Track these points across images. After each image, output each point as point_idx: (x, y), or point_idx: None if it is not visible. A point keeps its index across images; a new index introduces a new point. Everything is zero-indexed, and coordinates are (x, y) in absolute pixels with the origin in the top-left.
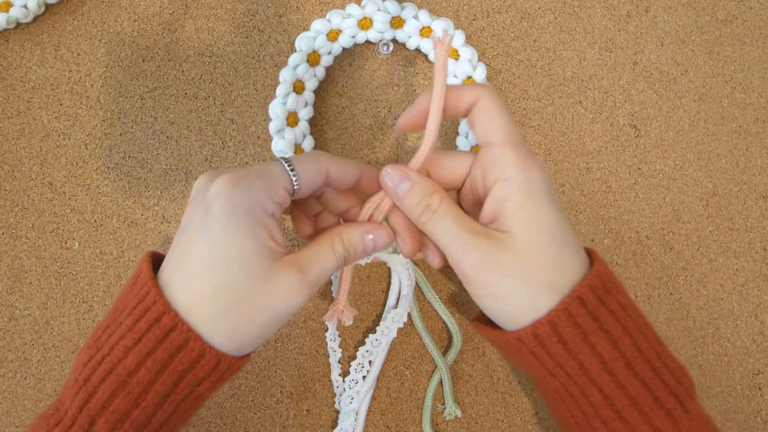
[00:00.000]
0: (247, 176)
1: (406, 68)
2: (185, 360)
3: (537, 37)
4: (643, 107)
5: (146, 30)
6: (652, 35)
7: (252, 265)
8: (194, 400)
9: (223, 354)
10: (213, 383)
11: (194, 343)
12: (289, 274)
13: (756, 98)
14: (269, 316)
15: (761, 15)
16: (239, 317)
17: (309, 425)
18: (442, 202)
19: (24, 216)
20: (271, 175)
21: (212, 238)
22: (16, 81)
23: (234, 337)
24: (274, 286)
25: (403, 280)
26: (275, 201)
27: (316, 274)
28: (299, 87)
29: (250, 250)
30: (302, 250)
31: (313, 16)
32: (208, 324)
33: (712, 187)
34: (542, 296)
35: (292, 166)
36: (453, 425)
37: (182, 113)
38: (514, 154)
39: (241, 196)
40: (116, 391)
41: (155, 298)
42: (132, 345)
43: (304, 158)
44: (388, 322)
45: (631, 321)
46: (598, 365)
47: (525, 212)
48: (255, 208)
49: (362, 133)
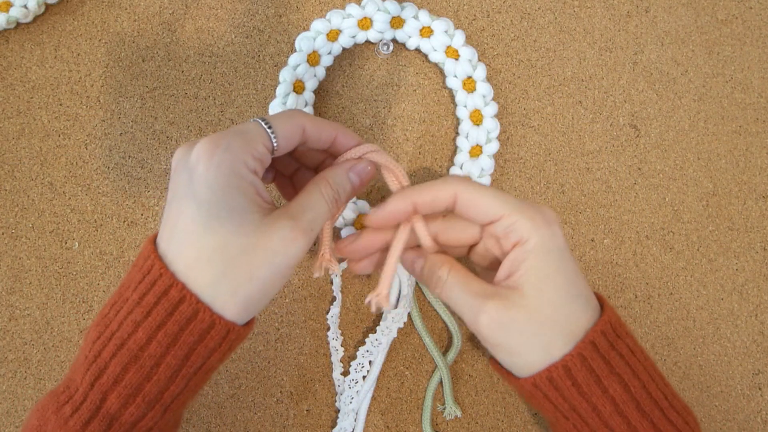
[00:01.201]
0: (226, 136)
1: (406, 68)
2: (195, 331)
3: (537, 37)
4: (643, 107)
5: (146, 30)
6: (652, 35)
7: (243, 220)
8: (205, 373)
9: (233, 324)
10: (223, 354)
11: (204, 314)
12: (282, 224)
13: (756, 98)
14: (268, 270)
15: (761, 15)
16: (238, 276)
17: (309, 425)
18: (450, 273)
19: (24, 216)
20: (250, 134)
21: (199, 199)
22: (16, 81)
23: (237, 298)
24: (269, 238)
25: (403, 280)
26: (256, 158)
27: (309, 220)
28: (299, 87)
29: (239, 205)
30: (291, 202)
31: (313, 16)
32: (208, 287)
33: (712, 187)
34: (555, 345)
35: (270, 124)
36: (453, 425)
37: (182, 113)
38: (524, 220)
39: (223, 155)
40: (128, 366)
41: (160, 271)
42: (141, 319)
43: (280, 116)
44: (388, 322)
45: (639, 364)
46: (611, 407)
47: (537, 270)
48: (238, 165)
49: (362, 133)
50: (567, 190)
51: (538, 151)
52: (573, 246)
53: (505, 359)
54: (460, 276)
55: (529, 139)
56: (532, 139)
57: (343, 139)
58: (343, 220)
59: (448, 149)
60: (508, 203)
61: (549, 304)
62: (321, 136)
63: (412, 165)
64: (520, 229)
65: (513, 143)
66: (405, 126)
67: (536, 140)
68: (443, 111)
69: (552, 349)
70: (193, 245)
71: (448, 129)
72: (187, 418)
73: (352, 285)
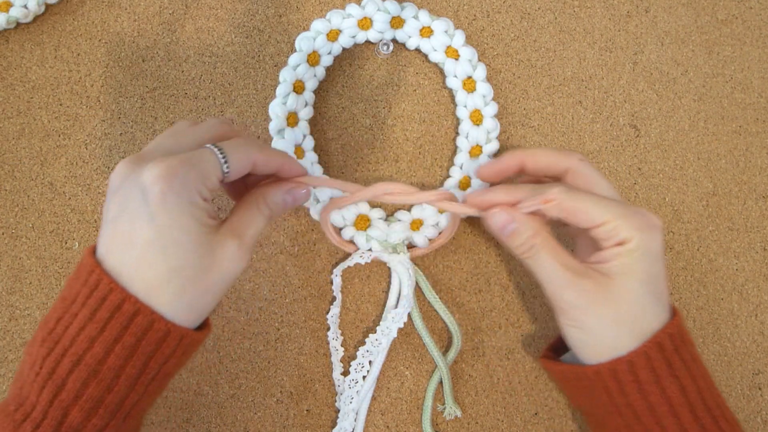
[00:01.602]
0: (182, 166)
1: (406, 68)
2: (152, 340)
3: (537, 37)
4: (643, 107)
5: (146, 30)
6: (652, 35)
7: (198, 243)
8: (162, 379)
9: (186, 329)
10: (179, 359)
11: (159, 324)
12: (230, 243)
13: (756, 98)
14: (220, 285)
15: (761, 15)
16: (195, 293)
17: (309, 425)
18: (544, 243)
19: (24, 216)
20: (205, 165)
21: (158, 224)
22: (16, 81)
23: (193, 310)
24: (220, 258)
25: (403, 280)
26: (209, 188)
27: (251, 237)
28: (299, 87)
29: (194, 230)
30: (233, 216)
31: (313, 16)
32: (168, 304)
33: (712, 187)
34: (625, 337)
35: (225, 157)
36: (453, 425)
37: (182, 113)
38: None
39: (180, 185)
40: (87, 381)
41: (110, 286)
42: (96, 334)
43: (235, 148)
44: (388, 322)
45: (698, 372)
46: (666, 408)
47: (630, 267)
48: (193, 195)
49: (362, 133)
50: None
51: None
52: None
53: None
54: (551, 246)
55: (529, 139)
56: (532, 139)
57: (288, 168)
58: (343, 220)
59: (448, 149)
60: (611, 209)
61: (633, 299)
62: (269, 166)
63: (412, 165)
64: (623, 232)
65: (513, 143)
66: (405, 126)
67: (536, 140)
68: (443, 111)
69: (622, 340)
70: (151, 266)
71: (448, 129)
72: (187, 418)
73: (352, 285)
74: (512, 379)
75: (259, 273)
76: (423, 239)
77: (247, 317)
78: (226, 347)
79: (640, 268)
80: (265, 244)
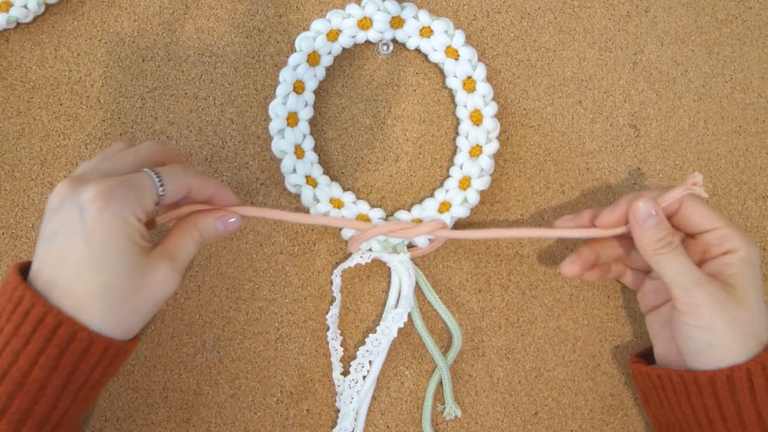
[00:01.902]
0: (120, 188)
1: (406, 68)
2: (76, 351)
3: (537, 37)
4: (643, 107)
5: (146, 30)
6: (652, 35)
7: (132, 263)
8: (91, 388)
9: (110, 339)
10: (105, 368)
11: (82, 334)
12: (162, 265)
13: (756, 98)
14: (151, 304)
15: (761, 15)
16: (126, 310)
17: (309, 425)
18: (679, 245)
19: (24, 216)
20: (142, 188)
21: (93, 242)
22: (16, 81)
23: (122, 326)
24: (153, 278)
25: (403, 280)
26: (145, 210)
27: (183, 260)
28: (299, 87)
29: (129, 250)
30: (167, 240)
31: (313, 16)
32: (98, 319)
33: (712, 187)
34: (747, 344)
35: (162, 181)
36: (453, 425)
37: (182, 113)
38: (737, 234)
39: (118, 204)
40: (13, 394)
41: (32, 300)
42: (20, 348)
43: (171, 173)
44: (389, 322)
45: None
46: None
47: (745, 277)
48: (129, 216)
49: (362, 133)
50: (567, 190)
51: (538, 151)
52: (573, 246)
53: (699, 335)
54: (684, 250)
55: (529, 139)
56: (532, 139)
57: (220, 196)
58: None
59: (448, 149)
60: (722, 218)
61: (752, 307)
62: (202, 193)
63: (412, 165)
64: (733, 240)
65: (513, 143)
66: (405, 126)
67: (536, 140)
68: (443, 111)
69: (743, 347)
70: (84, 282)
71: (448, 129)
72: (187, 418)
73: (352, 285)
74: (512, 379)
75: (259, 273)
76: (423, 239)
77: (247, 317)
78: (226, 347)
79: (754, 278)
80: (265, 244)
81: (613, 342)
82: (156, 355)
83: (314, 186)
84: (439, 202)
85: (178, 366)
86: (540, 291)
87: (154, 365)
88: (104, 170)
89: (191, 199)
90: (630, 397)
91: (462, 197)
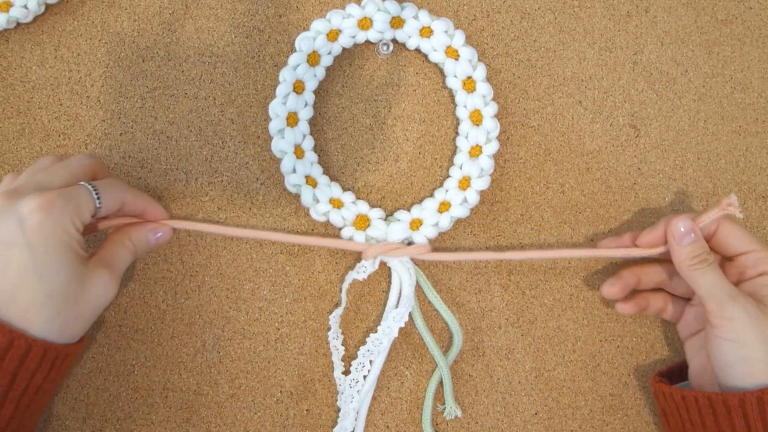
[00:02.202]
0: (59, 199)
1: (406, 68)
2: (15, 357)
3: (537, 37)
4: (643, 107)
5: (146, 30)
6: (652, 35)
7: (73, 271)
8: (35, 393)
9: (49, 343)
10: (47, 372)
11: (20, 341)
12: (101, 273)
13: (756, 98)
14: (92, 311)
15: (761, 15)
16: (68, 317)
17: (309, 425)
18: (714, 263)
19: None
20: (80, 200)
21: (35, 252)
22: (16, 81)
23: (65, 333)
24: (92, 285)
25: (403, 279)
26: (82, 222)
27: (120, 268)
28: (299, 87)
29: (69, 259)
30: (103, 250)
31: (313, 16)
32: (43, 326)
33: (712, 187)
34: None
35: (98, 194)
36: (453, 425)
37: (182, 113)
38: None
39: (58, 215)
40: None
41: None
42: None
43: (107, 186)
44: (390, 322)
45: None
46: None
47: None
48: (68, 226)
49: (362, 133)
50: (567, 190)
51: (538, 151)
52: (573, 246)
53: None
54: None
55: (529, 139)
56: (532, 139)
57: (152, 211)
58: (343, 220)
59: (448, 149)
60: (758, 241)
61: None
62: (135, 207)
63: (412, 165)
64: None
65: (513, 143)
66: (405, 126)
67: (536, 140)
68: (443, 111)
69: None
70: (27, 291)
71: (447, 129)
72: (186, 418)
73: (352, 285)
74: (512, 379)
75: (259, 273)
76: (423, 239)
77: (247, 317)
78: (226, 347)
79: None
80: (265, 244)
81: (613, 342)
82: (156, 355)
83: (314, 186)
84: (439, 202)
85: (178, 366)
86: (540, 291)
87: (154, 365)
88: (38, 183)
89: (124, 212)
90: (630, 397)
91: (462, 197)
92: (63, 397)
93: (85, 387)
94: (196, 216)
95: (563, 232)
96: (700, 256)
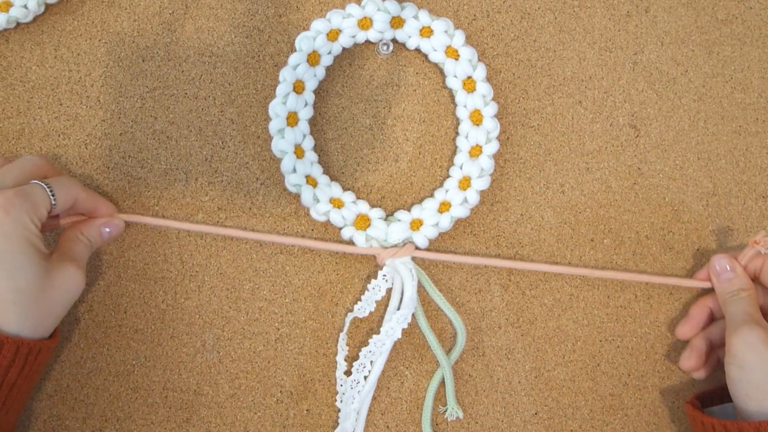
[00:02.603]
0: (16, 198)
1: (406, 68)
2: None
3: (537, 37)
4: (643, 107)
5: (146, 30)
6: (652, 35)
7: (39, 267)
8: (9, 390)
9: (21, 338)
10: (20, 368)
11: None
12: (67, 266)
13: (756, 98)
14: (63, 304)
15: (761, 15)
16: (40, 312)
17: (309, 425)
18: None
19: None
20: (36, 198)
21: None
22: (16, 81)
23: (38, 328)
24: (61, 279)
25: (405, 280)
26: (40, 219)
27: (83, 260)
28: (299, 87)
29: (34, 256)
30: (61, 246)
31: (313, 16)
32: (15, 324)
33: (712, 187)
34: None
35: (53, 192)
36: (453, 425)
37: (182, 113)
38: None
39: (17, 213)
40: None
41: None
42: None
43: (61, 184)
44: (393, 324)
45: None
46: None
47: None
48: (28, 223)
49: (362, 133)
50: (567, 190)
51: (538, 151)
52: (573, 246)
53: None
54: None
55: (529, 139)
56: (532, 139)
57: (103, 208)
58: (343, 220)
59: (448, 149)
60: None
61: None
62: (87, 204)
63: (412, 165)
64: None
65: (513, 143)
66: (405, 126)
67: (536, 140)
68: (443, 111)
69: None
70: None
71: (448, 129)
72: (186, 418)
73: (352, 285)
74: (512, 379)
75: (259, 273)
76: (423, 239)
77: (247, 317)
78: (226, 347)
79: None
80: (265, 244)
81: (613, 342)
82: (156, 355)
83: (314, 186)
84: (439, 202)
85: (177, 366)
86: (540, 291)
87: (154, 365)
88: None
89: (77, 209)
90: (630, 397)
91: (462, 197)
92: (63, 397)
93: (85, 387)
94: (196, 216)
95: (563, 232)
96: (735, 292)
